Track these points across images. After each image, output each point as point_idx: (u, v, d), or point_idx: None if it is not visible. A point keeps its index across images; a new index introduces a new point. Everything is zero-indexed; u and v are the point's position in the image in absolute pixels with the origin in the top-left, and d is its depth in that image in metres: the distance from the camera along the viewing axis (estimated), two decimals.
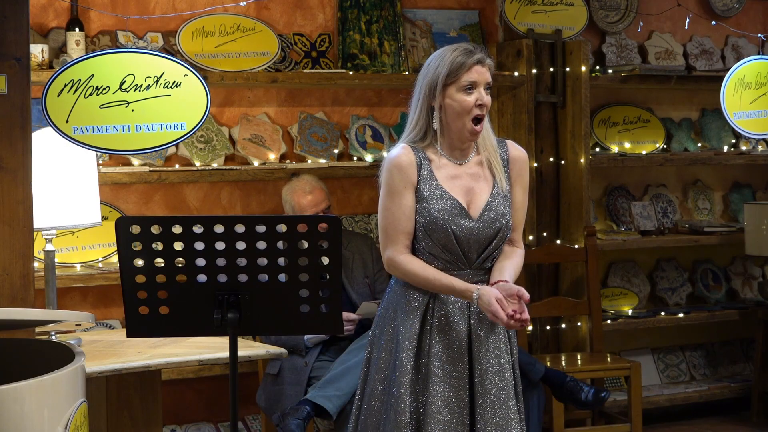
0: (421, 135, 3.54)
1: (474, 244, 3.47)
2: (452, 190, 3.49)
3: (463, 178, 3.52)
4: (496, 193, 3.52)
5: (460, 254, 3.46)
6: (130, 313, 3.14)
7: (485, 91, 3.51)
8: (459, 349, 3.46)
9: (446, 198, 3.47)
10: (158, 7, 5.32)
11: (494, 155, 3.55)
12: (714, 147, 6.70)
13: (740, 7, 6.74)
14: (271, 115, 5.58)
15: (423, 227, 3.46)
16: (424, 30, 5.92)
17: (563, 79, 5.96)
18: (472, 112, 3.46)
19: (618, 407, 5.97)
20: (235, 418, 3.13)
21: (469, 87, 3.47)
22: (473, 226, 3.46)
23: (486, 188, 3.52)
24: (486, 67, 3.52)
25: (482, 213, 3.48)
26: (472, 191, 3.51)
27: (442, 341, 3.46)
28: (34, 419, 2.75)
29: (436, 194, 3.47)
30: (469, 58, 3.48)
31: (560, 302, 5.79)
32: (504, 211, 3.50)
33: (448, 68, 3.47)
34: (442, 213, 3.44)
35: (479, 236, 3.46)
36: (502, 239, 3.51)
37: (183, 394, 5.37)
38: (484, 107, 3.49)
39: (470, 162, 3.55)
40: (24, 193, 3.77)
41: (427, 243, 3.46)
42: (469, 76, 3.47)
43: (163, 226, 3.06)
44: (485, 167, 3.55)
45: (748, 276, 6.81)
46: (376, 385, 3.51)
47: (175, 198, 5.36)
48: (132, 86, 4.10)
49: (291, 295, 3.10)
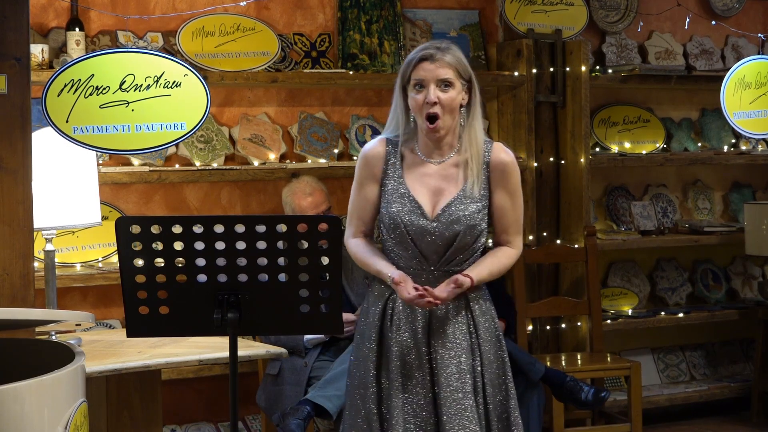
0: (396, 129, 3.53)
1: (431, 245, 3.42)
2: (415, 189, 3.46)
3: (432, 177, 3.48)
4: (462, 195, 3.45)
5: (418, 254, 3.43)
6: (130, 313, 3.14)
7: (439, 89, 3.40)
8: (416, 337, 3.43)
9: (406, 196, 3.44)
10: (158, 7, 5.32)
11: (476, 157, 3.48)
12: (714, 147, 6.70)
13: (740, 7, 6.74)
14: (271, 115, 5.58)
15: (384, 225, 3.47)
16: (424, 30, 5.91)
17: (563, 79, 5.96)
18: (422, 110, 3.41)
19: (618, 407, 5.97)
20: (235, 418, 3.13)
21: (417, 85, 3.42)
22: (428, 225, 3.41)
23: (453, 190, 3.46)
24: (438, 64, 3.41)
25: (440, 214, 3.42)
26: (439, 192, 3.46)
27: (401, 331, 3.44)
28: (34, 419, 2.75)
29: (398, 192, 3.45)
30: (416, 55, 3.43)
31: (560, 302, 5.79)
32: (467, 215, 3.43)
33: (403, 68, 3.47)
34: (399, 211, 3.42)
35: (435, 237, 3.41)
36: (468, 243, 3.44)
37: (183, 394, 5.37)
38: (431, 104, 3.40)
39: (447, 162, 3.50)
40: (24, 193, 3.77)
41: (391, 239, 3.46)
42: (415, 74, 3.43)
43: (163, 226, 3.06)
44: (461, 169, 3.49)
45: (748, 276, 6.81)
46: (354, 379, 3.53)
47: (175, 198, 5.36)
48: (132, 86, 4.10)
49: (291, 295, 3.10)
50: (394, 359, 3.43)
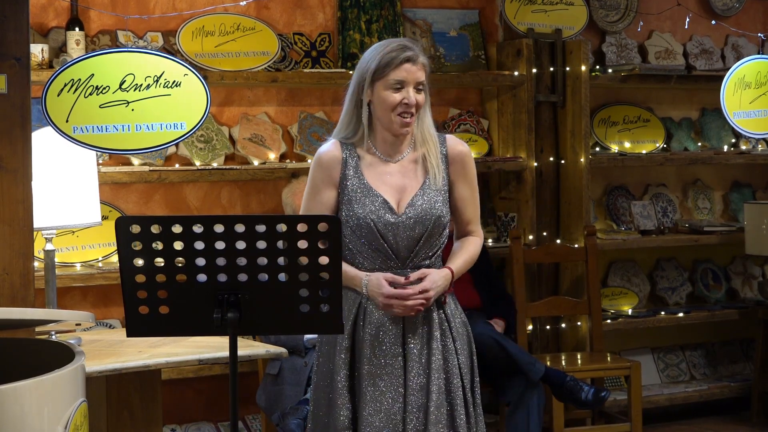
0: (352, 131, 3.48)
1: (401, 241, 3.38)
2: (379, 188, 3.41)
3: (393, 175, 3.44)
4: (427, 187, 3.42)
5: (388, 251, 3.38)
6: (130, 312, 3.13)
7: (415, 90, 3.39)
8: (392, 348, 3.39)
9: (372, 195, 3.40)
10: (158, 7, 5.32)
11: (433, 151, 3.45)
12: (714, 146, 6.70)
13: (740, 7, 6.74)
14: (271, 114, 5.58)
15: (349, 227, 3.40)
16: (424, 29, 5.91)
17: (563, 79, 5.96)
18: (395, 110, 3.39)
19: (618, 407, 5.97)
20: (235, 418, 3.12)
21: (396, 85, 3.39)
22: (396, 220, 3.37)
23: (415, 184, 3.43)
24: (418, 66, 3.40)
25: (407, 208, 3.39)
26: (402, 188, 3.43)
27: (374, 342, 3.39)
28: (34, 419, 2.75)
29: (362, 192, 3.40)
30: (400, 56, 3.39)
31: (560, 302, 5.79)
32: (433, 207, 3.40)
33: (377, 64, 3.41)
34: (365, 210, 3.38)
35: (404, 231, 3.38)
36: (434, 236, 3.41)
37: (183, 393, 5.37)
38: (412, 107, 3.39)
39: (404, 159, 3.47)
40: (24, 193, 3.77)
41: (356, 244, 3.40)
42: (396, 74, 3.39)
43: (163, 226, 3.06)
44: (419, 164, 3.46)
45: (748, 275, 6.81)
46: (319, 392, 3.48)
47: (175, 197, 5.36)
48: (132, 86, 4.09)
49: (291, 294, 3.09)
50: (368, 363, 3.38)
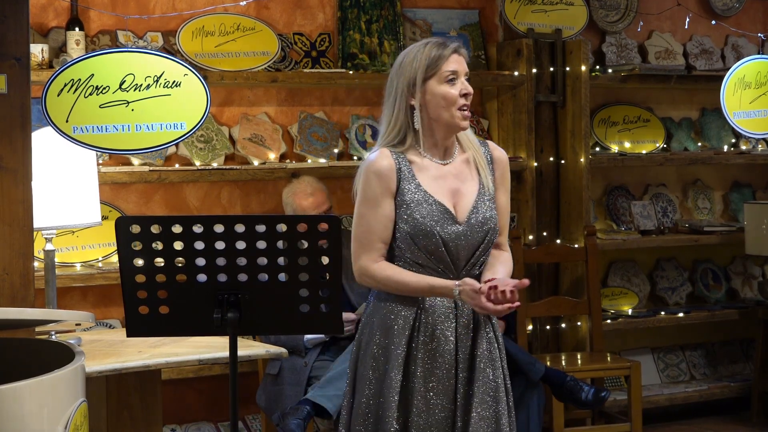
0: (400, 137, 3.37)
1: (462, 250, 3.29)
2: (436, 193, 3.31)
3: (448, 179, 3.34)
4: (483, 194, 3.34)
5: (447, 261, 3.28)
6: (130, 312, 3.13)
7: (466, 81, 3.34)
8: (446, 363, 3.29)
9: (431, 202, 3.29)
10: (158, 7, 5.32)
11: (479, 154, 3.39)
12: (714, 147, 6.70)
13: (740, 7, 6.74)
14: (271, 114, 5.58)
15: (408, 235, 3.27)
16: (424, 30, 5.91)
17: (563, 79, 5.96)
18: (457, 102, 3.30)
19: (618, 407, 5.97)
20: (235, 418, 3.13)
21: (451, 78, 3.31)
22: (460, 230, 3.28)
23: (472, 189, 3.35)
24: (464, 57, 3.35)
25: (469, 216, 3.30)
26: (458, 192, 3.33)
27: (429, 358, 3.29)
28: (34, 419, 2.75)
29: (420, 199, 3.29)
30: (446, 49, 3.33)
31: (560, 302, 5.79)
32: (490, 214, 3.33)
33: (426, 61, 3.33)
34: (427, 218, 3.26)
35: (467, 241, 3.29)
36: (490, 243, 3.35)
37: (183, 394, 5.37)
38: (470, 96, 3.33)
39: (455, 161, 3.39)
40: (24, 193, 3.77)
41: (413, 252, 3.28)
42: (448, 65, 3.30)
43: (163, 226, 3.06)
44: (471, 165, 3.40)
45: (748, 275, 6.81)
46: (361, 406, 3.33)
47: (175, 198, 5.36)
48: (132, 86, 4.10)
49: (291, 294, 3.10)
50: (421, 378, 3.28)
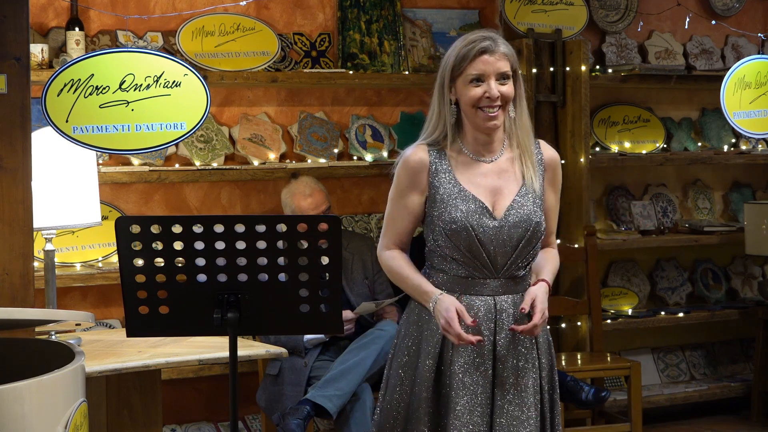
0: (441, 132, 3.33)
1: (499, 248, 3.23)
2: (474, 189, 3.27)
3: (488, 176, 3.30)
4: (525, 192, 3.29)
5: (485, 259, 3.24)
6: (130, 312, 3.13)
7: (498, 83, 3.25)
8: (481, 357, 3.25)
9: (467, 198, 3.25)
10: (158, 7, 5.32)
11: (529, 153, 3.33)
12: (714, 146, 6.70)
13: (740, 7, 6.74)
14: (271, 114, 5.58)
15: (444, 231, 3.24)
16: (424, 29, 5.91)
17: (563, 79, 5.96)
18: (479, 103, 3.25)
19: (618, 407, 5.97)
20: (235, 418, 3.13)
21: (475, 79, 3.25)
22: (497, 226, 3.23)
23: (513, 187, 3.30)
24: (497, 56, 3.25)
25: (506, 213, 3.25)
26: (498, 190, 3.28)
27: (464, 352, 3.25)
28: (34, 419, 2.75)
29: (456, 194, 3.26)
30: (475, 47, 3.24)
31: (560, 302, 5.79)
32: (533, 213, 3.27)
33: (454, 60, 3.28)
34: (463, 213, 3.23)
35: (504, 238, 3.23)
36: (532, 243, 3.28)
37: (183, 394, 5.37)
38: (495, 99, 3.24)
39: (500, 159, 3.33)
40: (24, 193, 3.77)
41: (450, 248, 3.25)
42: (473, 67, 3.24)
43: (163, 226, 3.06)
44: (516, 164, 3.33)
45: (748, 275, 6.82)
46: (395, 394, 3.34)
47: (175, 198, 5.36)
48: (132, 86, 4.10)
49: (291, 294, 3.10)
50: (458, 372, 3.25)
